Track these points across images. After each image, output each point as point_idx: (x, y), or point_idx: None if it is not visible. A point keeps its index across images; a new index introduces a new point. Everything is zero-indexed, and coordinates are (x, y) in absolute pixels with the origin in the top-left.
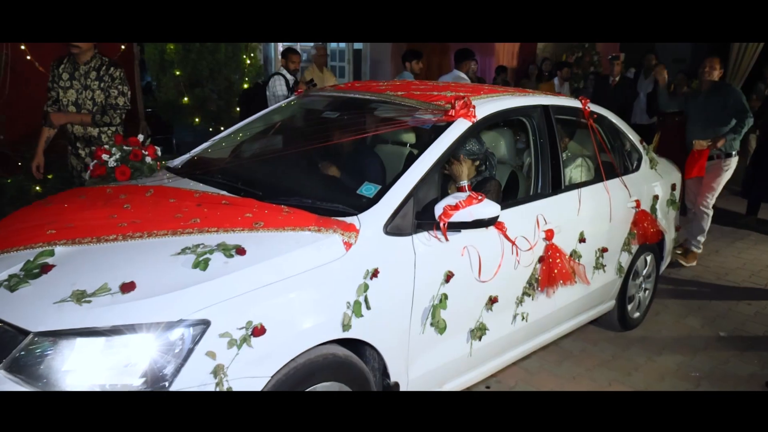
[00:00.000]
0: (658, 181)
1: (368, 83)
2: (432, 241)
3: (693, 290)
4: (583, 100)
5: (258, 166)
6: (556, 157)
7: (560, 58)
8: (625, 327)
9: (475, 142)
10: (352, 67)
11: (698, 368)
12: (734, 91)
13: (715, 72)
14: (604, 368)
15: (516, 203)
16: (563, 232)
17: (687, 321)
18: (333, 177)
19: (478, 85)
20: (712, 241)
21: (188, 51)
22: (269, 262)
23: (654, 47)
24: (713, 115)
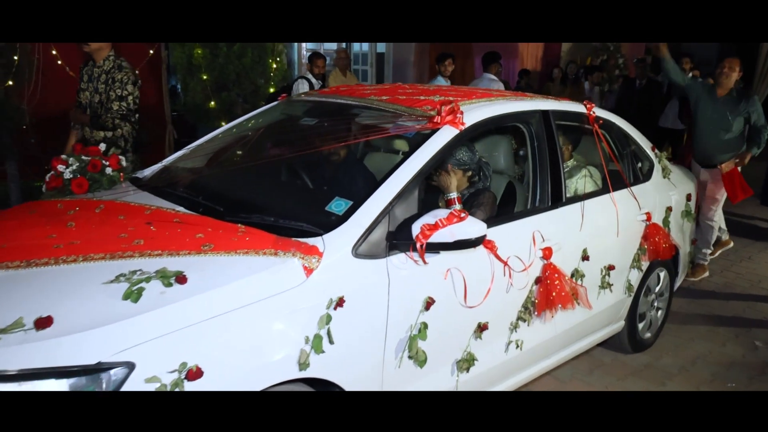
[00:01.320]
0: (672, 191)
1: (354, 87)
2: (409, 264)
3: (726, 299)
4: (588, 105)
5: (224, 179)
6: (556, 167)
7: (585, 62)
8: (635, 349)
9: (465, 151)
10: (374, 70)
11: (734, 379)
12: (757, 102)
13: (734, 74)
14: (636, 378)
15: (509, 219)
16: (564, 250)
17: (720, 330)
18: (303, 191)
19: (472, 89)
20: (743, 248)
21: (215, 56)
22: (213, 293)
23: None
24: (729, 124)
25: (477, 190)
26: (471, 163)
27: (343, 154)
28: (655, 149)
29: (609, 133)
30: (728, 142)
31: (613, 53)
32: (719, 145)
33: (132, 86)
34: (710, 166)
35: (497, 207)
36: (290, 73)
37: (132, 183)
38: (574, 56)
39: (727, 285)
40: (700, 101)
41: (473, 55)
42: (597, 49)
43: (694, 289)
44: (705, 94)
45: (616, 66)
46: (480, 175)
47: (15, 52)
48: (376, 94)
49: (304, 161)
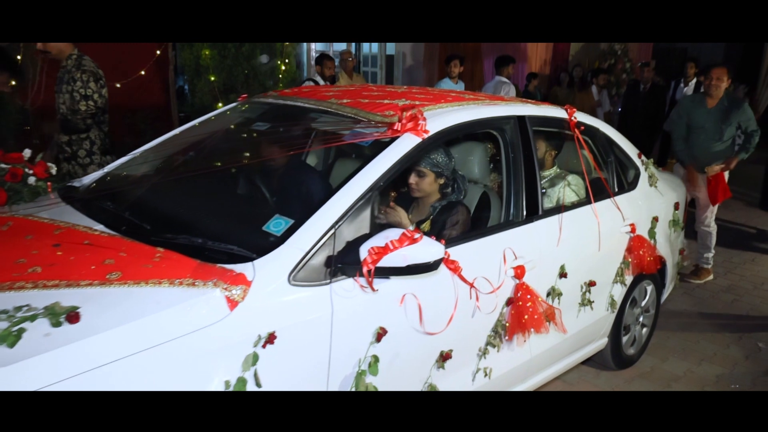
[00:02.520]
0: (659, 200)
1: (317, 88)
2: (356, 291)
3: (730, 301)
4: (570, 110)
5: (160, 192)
6: (532, 177)
7: (593, 66)
8: (620, 366)
9: (442, 154)
10: (384, 72)
11: (738, 380)
12: (747, 109)
13: (723, 84)
14: (643, 380)
15: (477, 236)
16: (539, 268)
17: (725, 332)
18: (243, 208)
19: (443, 93)
20: (747, 251)
21: (224, 57)
22: (109, 334)
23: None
24: (722, 133)
25: (449, 203)
26: (446, 168)
27: (294, 164)
28: (641, 156)
29: (592, 140)
30: (720, 151)
31: (620, 57)
32: (712, 154)
33: (95, 83)
34: (701, 173)
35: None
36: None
37: (65, 193)
38: (582, 60)
39: (731, 287)
40: (692, 113)
41: (483, 58)
42: (605, 53)
43: (699, 291)
44: (696, 105)
45: (624, 70)
46: (454, 186)
47: (18, 52)
48: (338, 96)
49: (249, 172)
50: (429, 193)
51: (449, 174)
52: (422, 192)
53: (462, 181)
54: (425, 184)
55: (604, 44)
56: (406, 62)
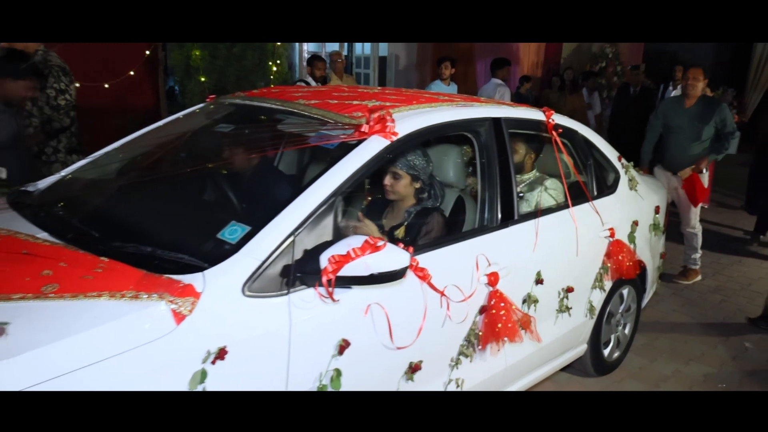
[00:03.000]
0: (639, 204)
1: (285, 89)
2: (317, 302)
3: (718, 301)
4: (547, 112)
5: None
6: (507, 181)
7: (584, 68)
8: (600, 372)
9: (420, 157)
10: (377, 74)
11: (725, 380)
12: (725, 109)
13: (699, 84)
14: (632, 380)
15: (448, 242)
16: (514, 274)
17: (713, 332)
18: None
19: (417, 93)
20: (734, 253)
21: (215, 58)
22: (38, 352)
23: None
24: (699, 132)
25: (424, 209)
26: (422, 172)
27: (259, 168)
28: (621, 159)
29: (571, 142)
30: (698, 152)
31: (611, 60)
32: (690, 154)
33: (66, 77)
34: (675, 175)
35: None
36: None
37: (16, 199)
38: (573, 63)
39: (719, 288)
40: (670, 114)
41: (475, 60)
42: (596, 56)
43: (687, 292)
44: (674, 106)
45: (615, 73)
46: (430, 192)
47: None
48: (306, 97)
49: (210, 176)
50: (404, 196)
51: (426, 178)
52: (397, 194)
53: (439, 187)
54: (400, 186)
55: (596, 47)
56: (399, 64)
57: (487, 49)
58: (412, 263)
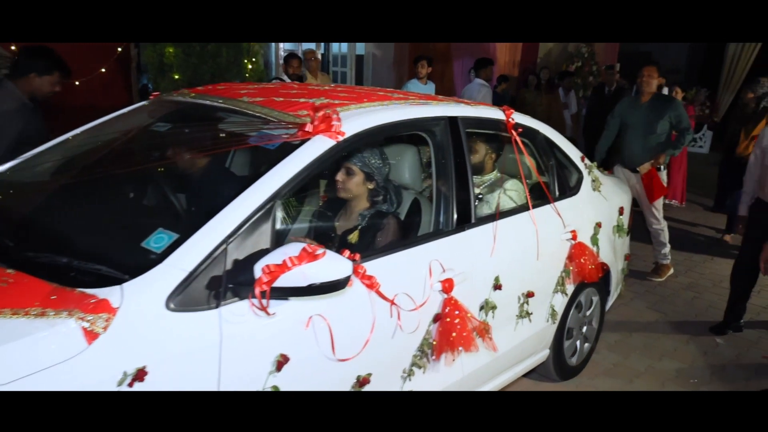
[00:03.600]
0: (602, 205)
1: (232, 86)
2: (251, 315)
3: (690, 298)
4: (507, 111)
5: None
6: (463, 182)
7: (560, 68)
8: (563, 377)
9: (377, 156)
10: (354, 72)
11: (697, 375)
12: (679, 106)
13: (654, 81)
14: (606, 377)
15: (399, 247)
16: (471, 280)
17: (685, 328)
18: (126, 220)
19: (370, 91)
20: (705, 251)
21: (188, 55)
22: None
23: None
24: (653, 127)
25: (379, 212)
26: (377, 172)
27: (199, 170)
28: (584, 159)
29: (532, 142)
30: (655, 146)
31: (587, 60)
32: (646, 149)
33: None
34: (634, 172)
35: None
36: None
37: None
38: (549, 63)
39: (691, 285)
40: (626, 112)
41: (452, 59)
42: (572, 56)
43: (660, 289)
44: (629, 104)
45: (590, 73)
46: (385, 196)
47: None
48: (251, 95)
49: (142, 179)
50: (356, 195)
51: (381, 180)
52: (348, 192)
53: (395, 192)
54: (353, 183)
55: (571, 47)
56: (376, 62)
57: (464, 48)
58: (359, 271)
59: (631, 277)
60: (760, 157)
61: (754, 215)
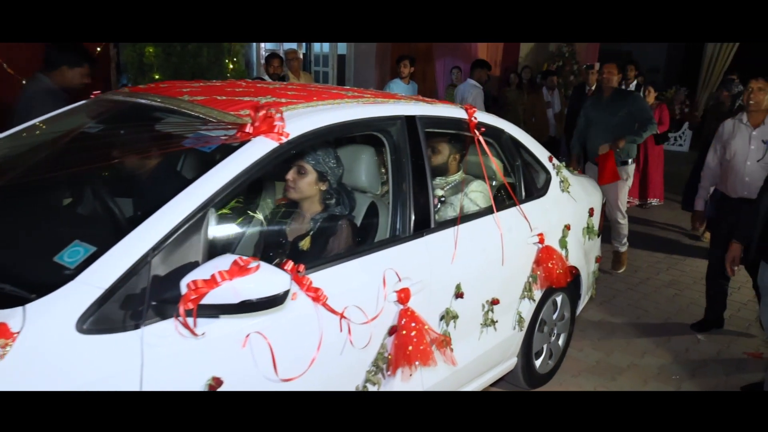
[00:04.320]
0: (571, 207)
1: (175, 83)
2: (177, 336)
3: (671, 295)
4: (469, 109)
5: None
6: (422, 185)
7: (541, 68)
8: (533, 384)
9: (331, 156)
10: (336, 72)
11: (678, 372)
12: (638, 99)
13: (614, 78)
14: (588, 374)
15: (350, 256)
16: (429, 289)
17: (666, 325)
18: (43, 230)
19: (325, 89)
20: (686, 248)
21: (169, 54)
22: None
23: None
24: (617, 122)
25: (333, 216)
26: (331, 173)
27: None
28: (552, 159)
29: (497, 142)
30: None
31: (568, 59)
32: (608, 142)
33: None
34: (595, 164)
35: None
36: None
37: None
38: (531, 62)
39: (672, 282)
40: (589, 108)
41: (434, 59)
42: (553, 55)
43: (642, 286)
44: (592, 101)
45: (571, 72)
46: (339, 199)
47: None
48: (194, 93)
49: (67, 185)
50: (307, 196)
51: (335, 181)
52: (299, 192)
53: (349, 195)
54: (304, 183)
55: (553, 46)
56: (357, 62)
57: (446, 48)
58: (304, 283)
59: (612, 275)
60: (720, 152)
61: (718, 213)
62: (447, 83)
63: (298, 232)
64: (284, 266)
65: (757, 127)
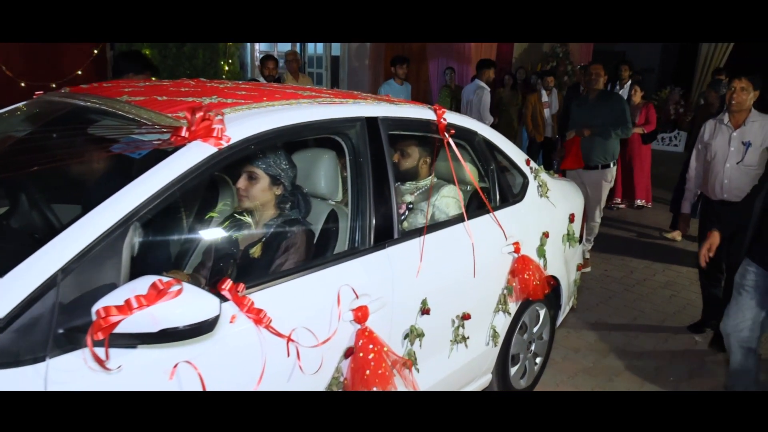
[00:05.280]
0: (550, 213)
1: (119, 83)
2: (86, 371)
3: (668, 296)
4: (438, 110)
5: None
6: (384, 193)
7: (535, 68)
8: None
9: (282, 157)
10: (329, 73)
11: (675, 373)
12: (620, 101)
13: (601, 79)
14: (586, 375)
15: (301, 271)
16: (390, 306)
17: (664, 325)
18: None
19: (276, 89)
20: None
21: (164, 57)
22: None
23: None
24: (599, 123)
25: (288, 221)
26: (285, 175)
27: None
28: (530, 163)
29: (469, 145)
30: (600, 142)
31: (562, 60)
32: (594, 145)
33: None
34: (589, 168)
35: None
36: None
37: None
38: (525, 62)
39: (668, 283)
40: (576, 110)
41: (428, 60)
42: (547, 56)
43: (638, 287)
44: (578, 102)
45: (565, 72)
46: (294, 201)
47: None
48: (134, 93)
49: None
50: (262, 203)
51: (289, 184)
52: (252, 200)
53: (305, 200)
54: (257, 190)
55: (546, 47)
56: (351, 63)
57: (440, 48)
58: (244, 303)
59: (609, 276)
60: (702, 153)
61: (702, 215)
62: (441, 84)
63: (251, 239)
64: (221, 286)
65: (738, 128)
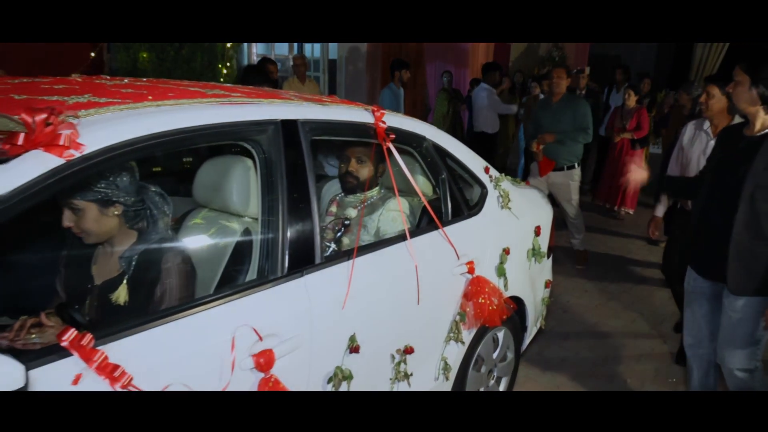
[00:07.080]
0: (512, 226)
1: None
2: None
3: (666, 297)
4: (377, 112)
5: None
6: (303, 210)
7: (532, 72)
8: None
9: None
10: (327, 77)
11: (675, 374)
12: (581, 105)
13: (563, 82)
14: (585, 377)
15: (183, 309)
16: (308, 345)
17: (662, 326)
18: None
19: (174, 85)
20: None
21: (162, 60)
22: None
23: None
24: (564, 126)
25: (150, 251)
26: (121, 189)
27: None
28: (489, 171)
29: (416, 150)
30: (563, 145)
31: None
32: (556, 148)
33: None
34: (556, 169)
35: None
36: None
37: None
38: (521, 66)
39: (666, 284)
40: (539, 113)
41: (425, 63)
42: (544, 59)
43: (636, 289)
44: (543, 105)
45: None
46: (145, 209)
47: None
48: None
49: None
50: (105, 232)
51: (131, 196)
52: (92, 235)
53: (152, 199)
54: (90, 222)
55: (543, 51)
56: (349, 67)
57: (437, 53)
58: (94, 359)
59: (606, 279)
60: (680, 156)
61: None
62: (438, 88)
63: (106, 277)
64: (62, 336)
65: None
